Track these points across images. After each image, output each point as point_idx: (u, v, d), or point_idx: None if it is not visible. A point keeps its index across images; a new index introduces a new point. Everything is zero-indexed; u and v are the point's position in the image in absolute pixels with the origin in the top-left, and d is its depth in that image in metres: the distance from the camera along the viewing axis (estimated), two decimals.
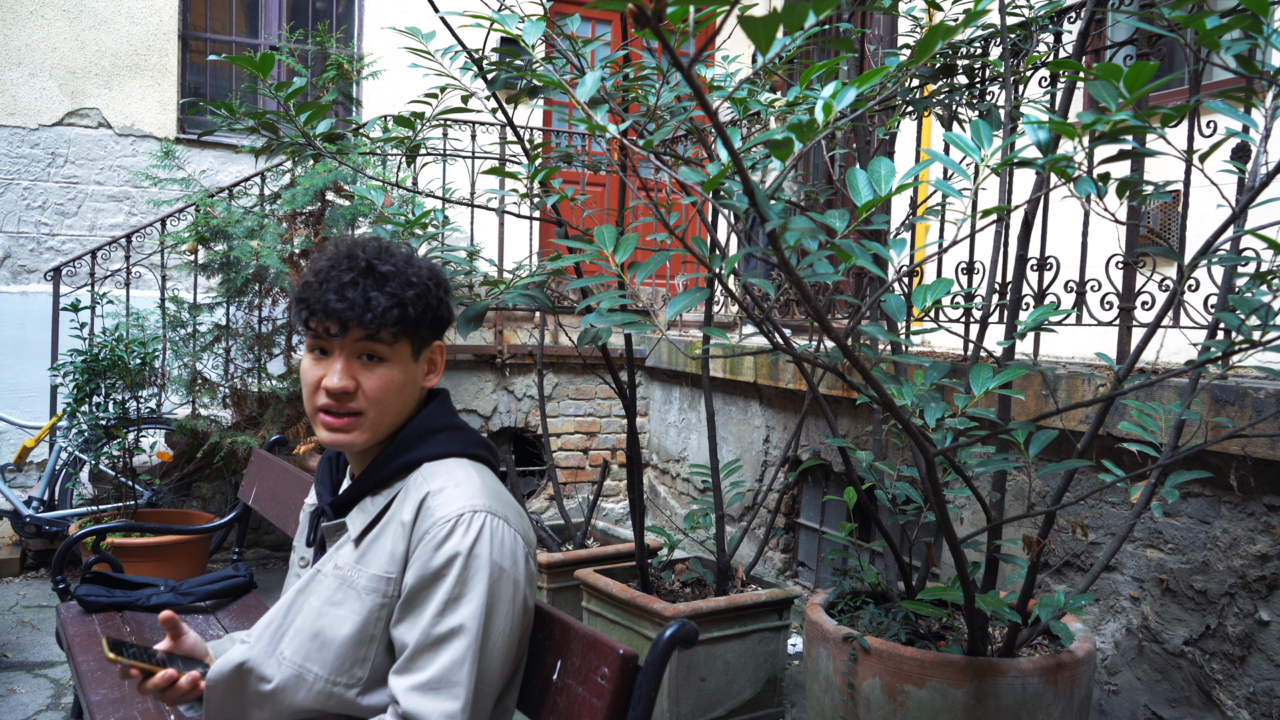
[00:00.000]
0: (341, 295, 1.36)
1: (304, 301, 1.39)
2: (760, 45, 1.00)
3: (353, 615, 1.38)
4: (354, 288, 1.37)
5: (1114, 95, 1.29)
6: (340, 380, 1.38)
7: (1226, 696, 2.52)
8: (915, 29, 2.97)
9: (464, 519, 1.35)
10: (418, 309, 1.40)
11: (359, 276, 1.38)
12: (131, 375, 4.40)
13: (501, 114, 2.52)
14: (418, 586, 1.34)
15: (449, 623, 1.32)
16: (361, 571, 1.39)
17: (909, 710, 2.14)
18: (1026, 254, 2.47)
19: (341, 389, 1.38)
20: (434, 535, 1.35)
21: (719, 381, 4.85)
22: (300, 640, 1.40)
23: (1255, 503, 2.45)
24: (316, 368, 1.41)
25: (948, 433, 1.85)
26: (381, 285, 1.38)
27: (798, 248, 1.52)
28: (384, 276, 1.39)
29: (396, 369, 1.42)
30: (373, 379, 1.40)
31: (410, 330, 1.41)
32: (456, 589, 1.32)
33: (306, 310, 1.39)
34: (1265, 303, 1.60)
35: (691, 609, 2.93)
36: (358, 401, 1.40)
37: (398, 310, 1.38)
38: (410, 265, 1.43)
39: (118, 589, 2.88)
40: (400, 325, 1.39)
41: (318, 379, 1.40)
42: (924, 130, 5.95)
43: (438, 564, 1.33)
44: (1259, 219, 3.21)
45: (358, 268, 1.38)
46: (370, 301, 1.36)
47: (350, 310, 1.36)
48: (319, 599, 1.41)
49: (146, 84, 6.33)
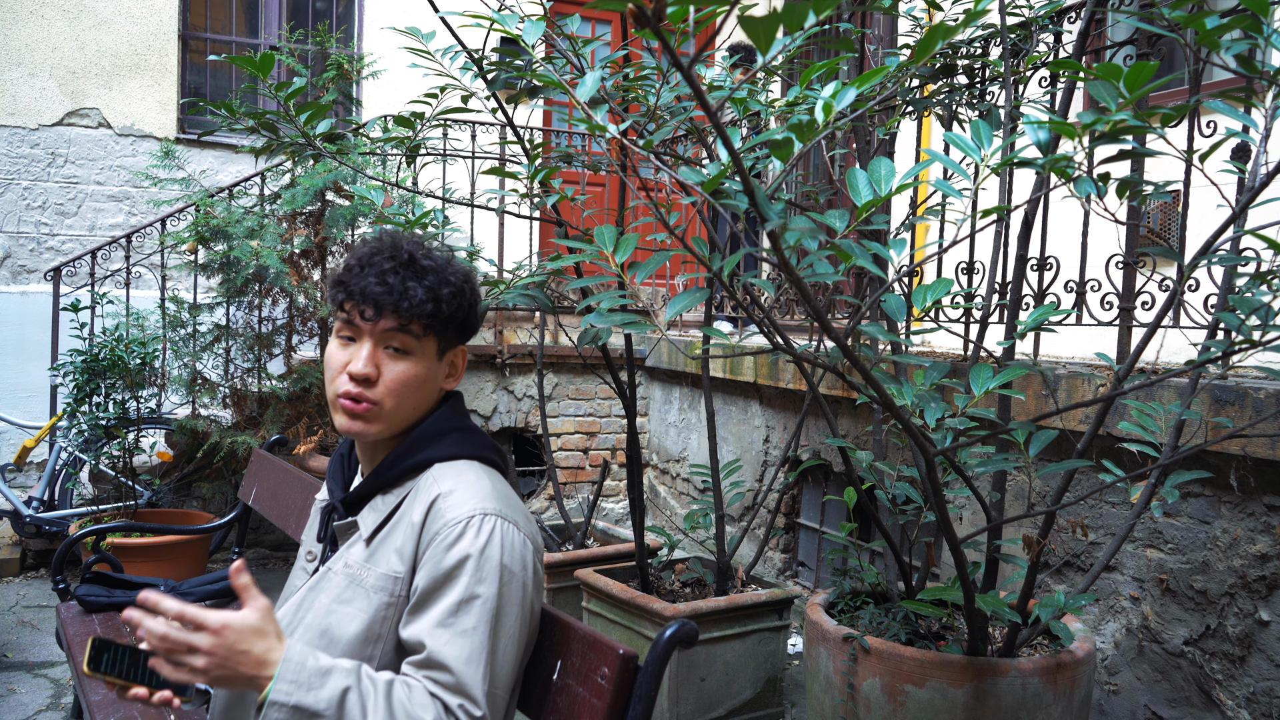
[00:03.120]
0: (382, 280, 1.39)
1: (342, 284, 1.42)
2: (760, 45, 1.00)
3: (360, 614, 1.39)
4: (395, 275, 1.40)
5: (1114, 95, 1.29)
6: (364, 366, 1.40)
7: (1226, 696, 2.52)
8: (915, 29, 2.96)
9: (475, 521, 1.36)
10: (451, 307, 1.44)
11: (400, 267, 1.41)
12: (131, 375, 4.40)
13: (501, 114, 2.52)
14: (429, 588, 1.35)
15: (462, 625, 1.32)
16: (370, 570, 1.41)
17: (909, 710, 2.14)
18: (1026, 254, 2.47)
19: (364, 375, 1.40)
20: (445, 537, 1.35)
21: (719, 381, 4.85)
22: (310, 637, 1.41)
23: (1255, 503, 2.45)
24: (343, 353, 1.44)
25: (948, 433, 1.85)
26: (420, 278, 1.41)
27: (798, 248, 1.52)
28: (424, 270, 1.42)
29: (420, 364, 1.44)
30: (395, 370, 1.42)
31: (439, 327, 1.44)
32: (468, 591, 1.33)
33: (344, 293, 1.42)
34: (1265, 303, 1.60)
35: (691, 609, 2.93)
36: (376, 391, 1.42)
37: (432, 305, 1.41)
38: (450, 266, 1.46)
39: (118, 589, 2.88)
40: (432, 320, 1.42)
41: (343, 364, 1.43)
42: (924, 130, 5.95)
43: (449, 565, 1.34)
44: (1259, 219, 3.21)
45: (400, 258, 1.42)
46: (408, 291, 1.39)
47: (388, 296, 1.39)
48: (328, 596, 1.42)
49: (146, 84, 6.33)
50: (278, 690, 1.20)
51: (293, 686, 1.20)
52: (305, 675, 1.22)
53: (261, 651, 1.22)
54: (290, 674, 1.21)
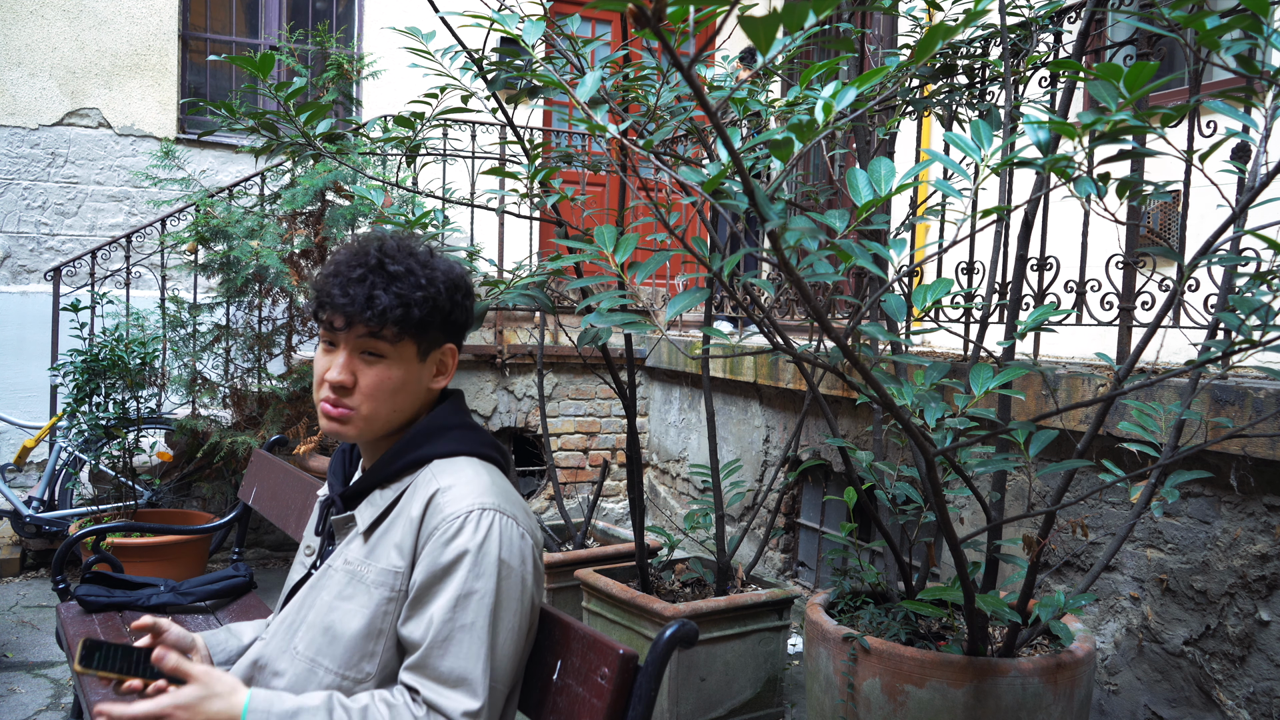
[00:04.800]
0: (345, 291, 1.38)
1: (317, 293, 1.43)
2: (760, 45, 1.00)
3: (362, 609, 1.39)
4: (360, 284, 1.38)
5: (1114, 95, 1.29)
6: (338, 374, 1.41)
7: (1226, 696, 2.52)
8: (915, 29, 2.96)
9: (473, 516, 1.36)
10: (423, 310, 1.41)
11: (367, 273, 1.40)
12: (131, 375, 4.40)
13: (501, 114, 2.52)
14: (427, 582, 1.35)
15: (460, 620, 1.33)
16: (371, 566, 1.41)
17: (909, 710, 2.14)
18: (1026, 254, 2.47)
19: (338, 383, 1.41)
20: (443, 532, 1.36)
21: (719, 381, 4.85)
22: (313, 635, 1.41)
23: (1255, 503, 2.45)
24: (324, 359, 1.45)
25: (948, 433, 1.85)
26: (388, 284, 1.39)
27: (798, 248, 1.52)
28: (392, 276, 1.40)
29: (396, 368, 1.43)
30: (369, 376, 1.42)
31: (415, 331, 1.42)
32: (466, 586, 1.33)
33: (317, 302, 1.42)
34: (1265, 303, 1.60)
35: (691, 609, 2.93)
36: (353, 397, 1.42)
37: (401, 310, 1.39)
38: (426, 267, 1.44)
39: (118, 589, 2.88)
40: (403, 325, 1.40)
41: (323, 371, 1.44)
42: (924, 130, 5.96)
43: (447, 560, 1.34)
44: (1259, 219, 3.21)
45: (367, 264, 1.40)
46: (373, 300, 1.38)
47: (352, 306, 1.38)
48: (330, 594, 1.43)
49: (146, 84, 6.33)
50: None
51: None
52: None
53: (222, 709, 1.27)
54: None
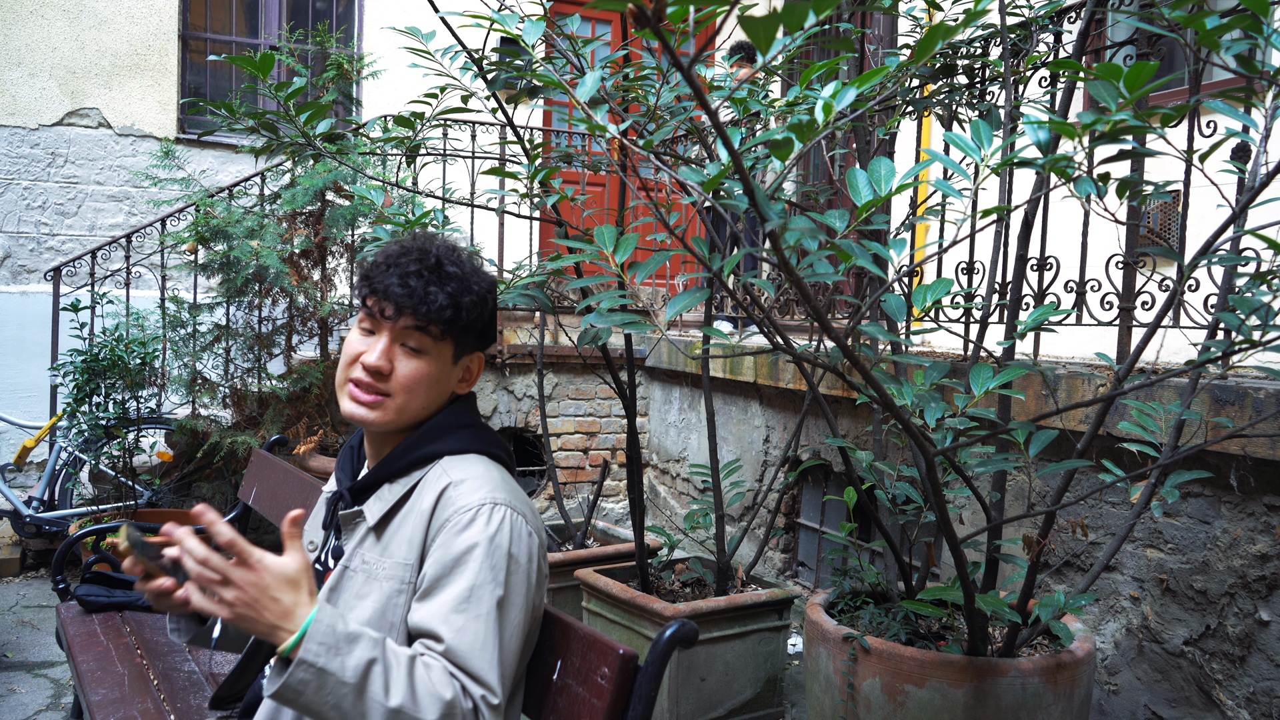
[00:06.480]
0: (404, 283, 1.42)
1: (368, 280, 1.45)
2: (760, 45, 1.00)
3: (374, 603, 1.41)
4: (418, 278, 1.43)
5: (1114, 95, 1.29)
6: (378, 359, 1.43)
7: (1226, 696, 2.52)
8: (915, 29, 2.96)
9: (485, 510, 1.38)
10: (470, 315, 1.46)
11: (425, 270, 1.44)
12: (131, 375, 4.40)
13: (501, 114, 2.52)
14: (439, 574, 1.36)
15: (475, 610, 1.33)
16: (384, 562, 1.43)
17: (909, 710, 2.14)
18: (1026, 254, 2.47)
19: (376, 367, 1.43)
20: (455, 523, 1.37)
21: (719, 381, 4.85)
22: None
23: (1255, 503, 2.45)
24: (361, 343, 1.47)
25: (948, 433, 1.85)
26: (443, 284, 1.44)
27: (798, 248, 1.52)
28: (448, 276, 1.45)
29: (433, 365, 1.46)
30: (408, 367, 1.45)
31: (457, 333, 1.46)
32: (478, 577, 1.34)
33: (368, 288, 1.45)
34: (1265, 303, 1.60)
35: (691, 609, 2.93)
36: (389, 384, 1.45)
37: (451, 310, 1.44)
38: (474, 275, 1.49)
39: (118, 589, 2.88)
40: (450, 325, 1.44)
41: (358, 353, 1.46)
42: (924, 130, 5.95)
43: (458, 551, 1.35)
44: (1259, 219, 3.21)
45: (427, 262, 1.45)
46: (429, 295, 1.42)
47: (409, 298, 1.42)
48: (349, 594, 1.44)
49: (146, 84, 6.33)
50: (307, 649, 1.20)
51: (321, 648, 1.21)
52: (335, 639, 1.22)
53: (290, 603, 1.23)
54: (321, 635, 1.22)
